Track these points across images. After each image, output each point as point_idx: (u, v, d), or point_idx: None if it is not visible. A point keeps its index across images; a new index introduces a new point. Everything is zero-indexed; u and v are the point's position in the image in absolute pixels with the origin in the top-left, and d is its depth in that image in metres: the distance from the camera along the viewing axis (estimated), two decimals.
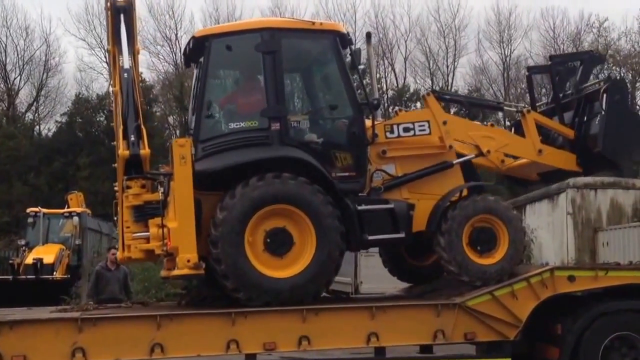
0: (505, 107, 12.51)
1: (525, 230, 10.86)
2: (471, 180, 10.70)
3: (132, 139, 9.84)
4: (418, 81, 55.39)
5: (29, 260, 23.14)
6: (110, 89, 10.75)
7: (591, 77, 11.84)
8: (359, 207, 9.80)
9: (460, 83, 55.23)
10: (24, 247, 24.83)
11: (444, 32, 55.30)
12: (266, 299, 9.27)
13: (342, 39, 10.17)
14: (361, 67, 10.89)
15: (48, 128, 52.59)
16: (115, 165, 10.09)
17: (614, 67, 52.16)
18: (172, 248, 9.15)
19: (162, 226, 9.33)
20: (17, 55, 51.52)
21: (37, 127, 52.48)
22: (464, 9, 56.52)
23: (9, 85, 51.33)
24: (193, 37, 10.29)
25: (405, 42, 55.39)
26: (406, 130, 10.42)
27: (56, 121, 50.67)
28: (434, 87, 52.62)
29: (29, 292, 19.88)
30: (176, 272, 9.26)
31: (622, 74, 51.05)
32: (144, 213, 9.60)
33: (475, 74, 55.75)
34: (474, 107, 13.80)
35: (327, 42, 10.19)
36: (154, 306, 11.55)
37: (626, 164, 11.40)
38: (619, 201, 23.12)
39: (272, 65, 9.75)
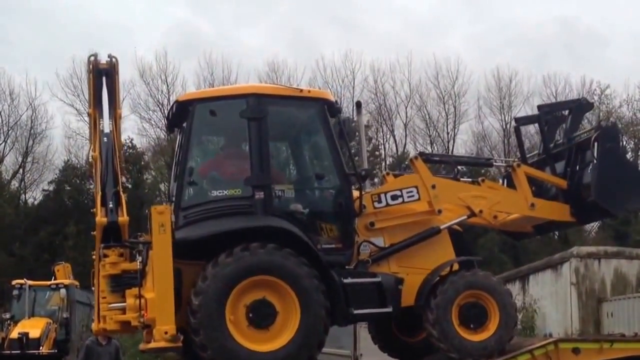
0: (495, 164, 12.26)
1: (510, 292, 10.56)
2: (463, 253, 10.51)
3: (110, 205, 9.60)
4: (418, 148, 54.63)
5: (14, 334, 22.55)
6: (91, 153, 10.45)
7: (582, 124, 11.78)
8: (345, 280, 9.50)
9: (461, 150, 54.80)
10: (8, 321, 24.14)
11: (443, 98, 55.30)
12: None
13: (330, 107, 9.97)
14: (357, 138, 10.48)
15: (34, 196, 51.25)
16: (94, 233, 9.74)
17: None
18: (149, 319, 8.79)
19: (140, 297, 8.95)
20: (2, 120, 50.51)
21: (23, 195, 51.06)
22: (462, 75, 55.36)
23: None
24: (176, 102, 10.08)
25: (406, 108, 55.34)
26: (394, 198, 10.19)
27: (43, 189, 49.53)
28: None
29: None
30: (153, 344, 8.87)
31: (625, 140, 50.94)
32: (121, 283, 9.27)
33: (476, 140, 55.69)
34: (463, 166, 13.49)
35: (314, 110, 9.97)
36: None
37: (620, 212, 11.28)
38: (623, 271, 23.34)
39: (258, 132, 9.51)
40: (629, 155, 46.67)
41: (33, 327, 23.03)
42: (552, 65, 71.17)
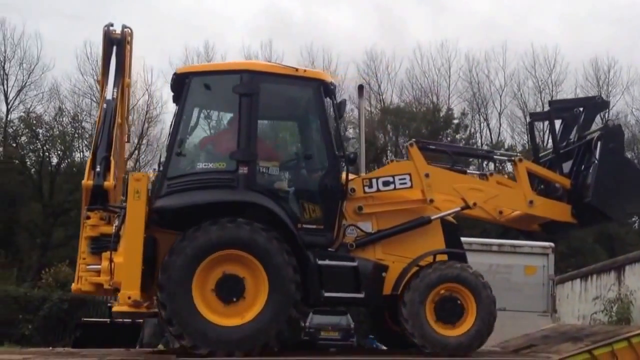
0: (496, 157, 11.89)
1: (489, 285, 9.88)
2: (454, 246, 10.28)
3: (98, 169, 9.78)
4: (515, 137, 54.25)
5: None
6: (95, 118, 10.78)
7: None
8: (320, 262, 9.38)
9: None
10: None
11: (539, 87, 54.31)
12: (211, 347, 8.79)
13: (325, 88, 9.87)
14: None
15: None
16: None
17: None
18: (115, 283, 8.93)
19: (111, 260, 9.06)
20: None
21: None
22: (560, 64, 54.22)
23: None
24: (175, 74, 10.08)
25: (500, 96, 54.68)
26: (386, 184, 10.04)
27: (154, 169, 50.80)
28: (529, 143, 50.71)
29: (124, 335, 19.79)
30: (116, 308, 9.08)
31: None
32: (100, 245, 9.40)
33: None
34: (461, 156, 12.74)
35: (309, 90, 9.89)
36: None
37: (617, 215, 10.65)
38: None
39: (248, 108, 9.44)
40: None
41: None
42: None
